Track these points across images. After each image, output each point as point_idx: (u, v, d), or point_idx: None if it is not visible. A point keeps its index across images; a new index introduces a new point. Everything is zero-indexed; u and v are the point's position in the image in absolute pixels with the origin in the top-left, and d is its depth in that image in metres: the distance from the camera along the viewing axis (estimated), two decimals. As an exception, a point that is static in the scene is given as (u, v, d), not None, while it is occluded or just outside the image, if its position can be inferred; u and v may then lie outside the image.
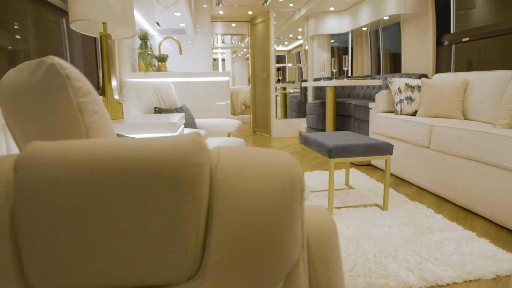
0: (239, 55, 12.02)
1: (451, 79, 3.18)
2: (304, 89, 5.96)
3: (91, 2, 1.47)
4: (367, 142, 2.18)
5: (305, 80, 5.90)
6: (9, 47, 1.61)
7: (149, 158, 0.48)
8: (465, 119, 2.95)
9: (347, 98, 5.06)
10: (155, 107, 2.40)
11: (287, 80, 6.17)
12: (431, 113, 3.05)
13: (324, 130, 4.84)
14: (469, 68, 3.60)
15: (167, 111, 2.44)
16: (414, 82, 3.28)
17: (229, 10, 5.72)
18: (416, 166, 2.80)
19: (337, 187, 2.80)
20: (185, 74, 3.11)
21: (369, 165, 3.66)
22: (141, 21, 3.52)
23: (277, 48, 6.15)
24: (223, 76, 3.19)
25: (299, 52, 6.30)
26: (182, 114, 1.99)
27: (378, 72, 5.27)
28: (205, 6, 4.79)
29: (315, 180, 3.02)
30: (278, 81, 5.95)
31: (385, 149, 2.18)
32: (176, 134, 1.59)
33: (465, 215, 2.24)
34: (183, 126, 2.05)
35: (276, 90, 5.74)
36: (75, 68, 0.70)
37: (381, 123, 3.32)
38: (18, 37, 1.65)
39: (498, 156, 1.99)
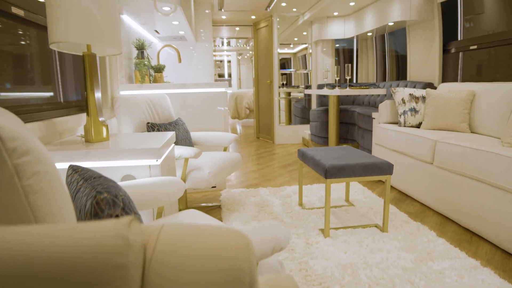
0: (245, 57, 11.94)
1: (457, 90, 3.06)
2: (308, 95, 5.86)
3: (70, 23, 1.41)
4: (366, 161, 2.08)
5: (309, 86, 5.80)
6: (-10, 68, 1.56)
7: (59, 262, 0.40)
8: (471, 132, 2.82)
9: (351, 105, 4.95)
10: (148, 123, 2.33)
11: (292, 84, 6.07)
12: (436, 125, 2.94)
13: (327, 138, 4.73)
14: (477, 77, 3.47)
15: (159, 126, 2.38)
16: (418, 92, 3.16)
17: (232, 14, 5.64)
18: (419, 181, 2.69)
19: (336, 204, 2.71)
20: (181, 86, 3.04)
21: (372, 177, 3.54)
22: (139, 29, 3.46)
23: (283, 51, 6.06)
24: (220, 87, 3.12)
25: (305, 55, 6.19)
26: (172, 134, 1.93)
27: (384, 78, 5.15)
28: (207, 11, 4.73)
29: (314, 194, 2.93)
30: (283, 85, 5.85)
31: (384, 169, 2.08)
32: (161, 160, 1.52)
33: (469, 237, 2.13)
34: (173, 145, 1.98)
35: (279, 95, 5.65)
36: (13, 122, 0.63)
37: (384, 135, 3.21)
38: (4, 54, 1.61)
39: (504, 178, 1.88)
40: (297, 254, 1.90)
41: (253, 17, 5.81)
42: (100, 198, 0.79)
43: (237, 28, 6.93)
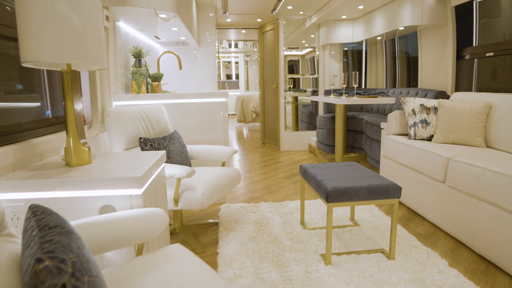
0: (253, 58, 11.81)
1: (472, 100, 2.86)
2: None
3: (44, 40, 1.28)
4: (371, 183, 1.92)
5: (316, 91, 5.63)
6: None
7: None
8: (487, 147, 2.63)
9: (359, 112, 4.77)
10: (140, 138, 2.21)
11: (300, 88, 5.89)
12: (449, 139, 2.75)
13: (334, 146, 4.56)
14: (493, 87, 3.26)
15: (153, 142, 2.25)
16: (430, 103, 2.98)
17: (237, 17, 5.51)
18: (430, 200, 2.51)
19: (340, 223, 2.55)
20: (179, 96, 2.92)
21: (379, 190, 3.36)
22: (137, 35, 3.35)
23: (291, 53, 5.90)
24: (219, 96, 2.98)
25: (313, 57, 6.02)
26: (161, 153, 1.79)
27: (394, 85, 4.95)
28: (211, 14, 4.60)
29: (317, 211, 2.77)
30: (289, 89, 5.70)
31: (392, 192, 1.92)
32: (143, 188, 1.39)
33: (485, 267, 1.95)
34: (163, 164, 1.85)
35: (285, 98, 5.49)
36: None
37: (392, 148, 3.04)
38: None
39: (525, 206, 1.70)
40: (295, 285, 1.76)
41: (259, 20, 5.67)
42: (38, 269, 0.66)
43: (243, 31, 6.80)
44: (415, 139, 2.93)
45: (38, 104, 1.89)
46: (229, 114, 11.39)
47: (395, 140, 3.01)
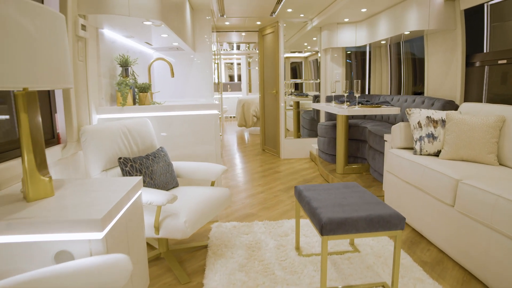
0: (256, 60, 11.61)
1: (484, 113, 2.65)
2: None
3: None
4: (372, 213, 1.72)
5: (318, 96, 5.42)
6: None
7: None
8: (500, 165, 2.42)
9: (362, 120, 4.56)
10: (120, 158, 2.03)
11: (303, 91, 5.67)
12: (458, 155, 2.54)
13: (336, 156, 4.34)
14: (505, 97, 3.03)
15: (134, 162, 2.07)
16: (437, 115, 2.76)
17: (236, 20, 5.32)
18: (437, 224, 2.30)
19: (339, 248, 2.34)
20: (167, 108, 2.74)
21: (383, 207, 3.16)
22: (126, 42, 3.17)
23: (293, 55, 5.69)
24: (211, 109, 2.80)
25: (316, 59, 5.80)
26: (137, 180, 1.61)
27: (399, 91, 4.73)
28: (207, 17, 4.41)
29: (315, 233, 2.58)
30: (291, 93, 5.50)
31: (394, 223, 1.71)
32: (105, 232, 1.21)
33: (499, 307, 1.74)
34: (140, 192, 1.67)
35: (285, 103, 5.29)
36: None
37: (396, 163, 2.83)
38: None
39: (547, 244, 1.49)
40: (284, 330, 1.56)
41: (258, 23, 5.47)
42: None
43: (243, 34, 6.60)
44: (421, 154, 2.72)
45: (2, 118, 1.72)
46: (230, 117, 11.22)
47: (399, 155, 2.80)
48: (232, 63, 12.60)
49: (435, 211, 2.31)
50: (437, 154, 2.71)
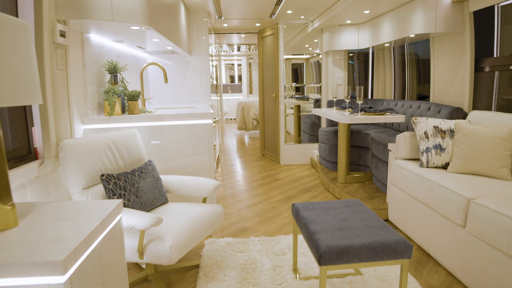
0: (257, 61, 11.45)
1: (495, 122, 2.48)
2: (318, 107, 5.30)
3: None
4: (375, 240, 1.56)
5: (319, 100, 5.26)
6: None
7: None
8: (514, 180, 2.24)
9: (365, 126, 4.38)
10: (102, 175, 1.87)
11: (305, 93, 5.48)
12: (468, 169, 2.37)
13: (337, 163, 4.17)
14: (518, 103, 2.86)
15: (118, 178, 1.91)
16: (445, 124, 2.59)
17: (234, 22, 5.15)
18: (446, 244, 2.13)
19: (340, 271, 2.18)
20: (158, 117, 2.58)
21: (386, 220, 3.00)
22: (117, 46, 3.02)
23: (295, 56, 5.52)
24: (204, 118, 2.64)
25: (318, 61, 5.63)
26: (116, 204, 1.45)
27: (403, 96, 4.55)
28: (204, 19, 4.26)
29: (314, 252, 2.41)
30: (292, 96, 5.33)
31: (401, 251, 1.55)
32: (68, 275, 1.05)
33: None
34: (119, 216, 1.51)
35: (285, 107, 5.12)
36: None
37: (401, 175, 2.66)
38: None
39: None
40: None
41: (258, 24, 5.31)
42: None
43: (243, 35, 6.44)
44: (427, 167, 2.55)
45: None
46: (231, 119, 11.06)
47: (404, 167, 2.63)
48: (233, 64, 12.45)
49: (444, 230, 2.14)
50: (445, 166, 2.54)
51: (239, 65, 11.94)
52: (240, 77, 12.01)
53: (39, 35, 1.69)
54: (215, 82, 6.13)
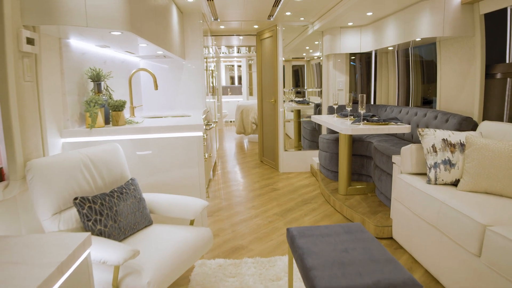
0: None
1: (510, 136, 2.27)
2: (318, 113, 5.10)
3: None
4: (381, 279, 1.36)
5: (319, 105, 5.06)
6: None
7: None
8: (531, 200, 2.04)
9: (367, 134, 4.17)
10: (75, 198, 1.68)
11: (305, 99, 5.27)
12: (480, 187, 2.16)
13: (338, 173, 3.97)
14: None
15: (94, 202, 1.72)
16: (455, 137, 2.39)
17: (231, 24, 4.96)
18: (457, 272, 1.93)
19: (341, 300, 1.98)
20: (144, 130, 2.39)
21: (390, 238, 2.80)
22: (103, 51, 2.82)
23: (295, 57, 5.32)
24: (194, 130, 2.44)
25: (319, 63, 5.43)
26: (83, 239, 1.26)
27: (407, 102, 4.35)
28: (200, 21, 4.06)
29: (312, 277, 2.21)
30: (291, 100, 5.13)
31: (409, 293, 1.35)
32: None
33: None
34: (88, 251, 1.32)
35: (284, 113, 4.92)
36: None
37: (407, 192, 2.46)
38: None
39: None
40: None
41: (256, 26, 5.11)
42: None
43: (241, 38, 6.25)
44: (436, 183, 2.34)
45: None
46: (230, 121, 10.87)
47: (410, 183, 2.43)
48: (233, 65, 12.26)
49: (456, 258, 1.94)
50: (454, 183, 2.34)
51: (239, 66, 11.75)
52: (240, 78, 11.82)
53: (0, 44, 1.50)
54: (212, 85, 5.93)
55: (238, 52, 9.75)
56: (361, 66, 5.18)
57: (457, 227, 1.89)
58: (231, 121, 10.94)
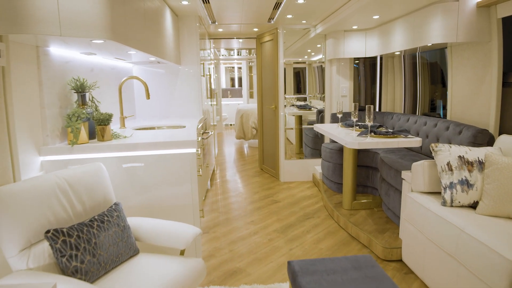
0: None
1: (535, 155, 2.06)
2: (320, 120, 4.89)
3: None
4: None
5: (322, 111, 4.85)
6: None
7: None
8: (561, 227, 1.82)
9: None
10: (47, 232, 1.48)
11: (307, 104, 5.06)
12: (503, 211, 1.95)
13: (342, 184, 3.75)
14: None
15: (70, 235, 1.51)
16: (472, 154, 2.17)
17: (230, 27, 4.75)
18: (479, 311, 1.72)
19: None
20: (131, 146, 2.18)
21: (399, 261, 2.58)
22: (90, 58, 2.62)
23: (297, 60, 5.12)
24: (187, 146, 2.23)
25: (321, 66, 5.21)
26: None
27: (414, 109, 4.13)
28: (197, 24, 3.86)
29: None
30: (292, 105, 4.93)
31: None
32: None
33: None
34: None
35: (285, 118, 4.71)
36: None
37: (418, 214, 2.25)
38: None
39: None
40: None
41: (256, 29, 4.90)
42: None
43: (241, 40, 6.04)
44: (451, 206, 2.13)
45: None
46: (230, 125, 10.68)
47: (423, 204, 2.22)
48: (233, 67, 12.06)
49: (477, 294, 1.73)
50: (472, 205, 2.12)
51: (240, 68, 11.55)
52: (240, 80, 11.62)
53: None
54: (210, 87, 5.72)
55: (238, 54, 9.54)
56: (365, 70, 4.96)
57: (480, 261, 1.68)
58: (231, 124, 10.74)
